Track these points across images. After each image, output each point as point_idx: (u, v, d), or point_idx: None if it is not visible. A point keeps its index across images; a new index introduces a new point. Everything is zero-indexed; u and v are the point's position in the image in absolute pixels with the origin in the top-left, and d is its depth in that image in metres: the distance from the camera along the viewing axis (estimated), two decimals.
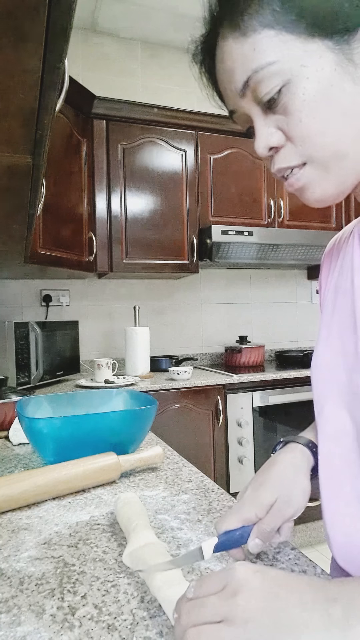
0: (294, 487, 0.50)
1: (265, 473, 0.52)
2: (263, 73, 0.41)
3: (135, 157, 2.25)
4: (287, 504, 0.49)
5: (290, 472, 0.52)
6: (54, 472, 0.72)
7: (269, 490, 0.49)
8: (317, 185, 0.44)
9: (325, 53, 0.40)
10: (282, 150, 0.44)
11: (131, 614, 0.43)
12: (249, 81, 0.42)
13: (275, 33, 0.40)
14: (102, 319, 2.54)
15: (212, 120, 2.36)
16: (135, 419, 0.87)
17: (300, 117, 0.41)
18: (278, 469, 0.52)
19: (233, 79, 0.43)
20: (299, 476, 0.52)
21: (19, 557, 0.54)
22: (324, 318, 0.54)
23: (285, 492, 0.50)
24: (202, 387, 2.05)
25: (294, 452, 0.54)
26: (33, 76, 0.38)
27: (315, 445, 0.55)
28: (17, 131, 0.49)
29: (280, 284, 2.94)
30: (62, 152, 1.99)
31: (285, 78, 0.40)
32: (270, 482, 0.50)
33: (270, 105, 0.42)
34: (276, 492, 0.49)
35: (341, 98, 0.40)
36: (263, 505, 0.48)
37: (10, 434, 1.06)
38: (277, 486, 0.50)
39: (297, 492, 0.50)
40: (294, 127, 0.42)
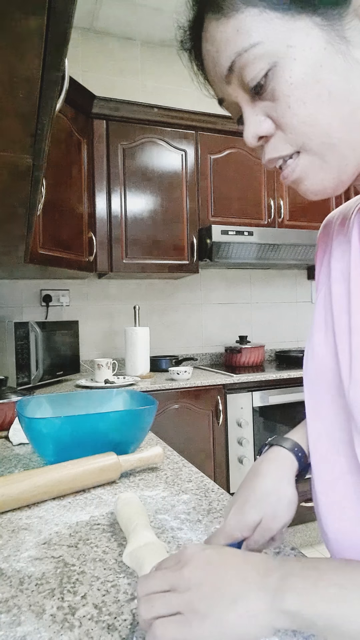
0: (279, 502, 0.49)
1: (249, 488, 0.50)
2: (247, 56, 0.37)
3: (135, 157, 2.25)
4: (273, 520, 0.48)
5: (275, 485, 0.50)
6: (54, 472, 0.72)
7: (253, 510, 0.48)
8: (314, 176, 0.41)
9: (313, 31, 0.36)
10: (272, 139, 0.41)
11: (131, 614, 0.43)
12: (233, 66, 0.38)
13: (259, 11, 0.36)
14: (102, 319, 2.54)
15: (212, 120, 2.36)
16: (135, 419, 0.87)
17: (289, 102, 0.37)
18: (263, 481, 0.50)
19: (218, 65, 0.40)
20: (283, 488, 0.50)
21: (19, 557, 0.54)
22: (319, 303, 0.52)
23: (271, 509, 0.48)
24: (202, 387, 2.05)
25: (278, 460, 0.52)
26: (33, 76, 0.38)
27: (301, 448, 0.53)
28: (17, 131, 0.49)
29: (280, 284, 2.94)
30: (62, 152, 1.99)
31: (271, 60, 0.37)
32: (253, 500, 0.49)
33: (257, 91, 0.38)
34: (261, 511, 0.48)
35: (332, 79, 0.36)
36: (249, 526, 0.47)
37: (10, 434, 1.06)
38: (261, 504, 0.48)
39: (283, 506, 0.49)
40: (283, 114, 0.38)
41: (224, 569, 0.36)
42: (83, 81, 2.45)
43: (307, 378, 0.52)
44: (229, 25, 0.37)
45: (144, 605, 0.36)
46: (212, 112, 2.36)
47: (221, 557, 0.38)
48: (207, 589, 0.35)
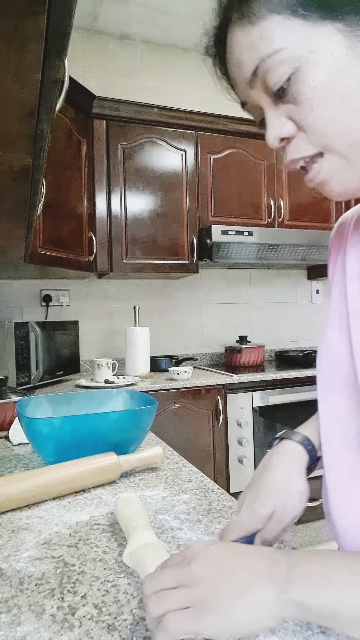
0: (290, 495, 0.50)
1: (260, 482, 0.52)
2: (271, 61, 0.39)
3: (135, 157, 2.25)
4: (285, 512, 0.50)
5: (285, 478, 0.51)
6: (54, 472, 0.72)
7: (265, 503, 0.50)
8: (339, 177, 0.42)
9: (336, 36, 0.37)
10: (294, 140, 0.42)
11: (131, 614, 0.43)
12: (257, 70, 0.40)
13: (282, 18, 0.38)
14: (102, 319, 2.54)
15: (212, 120, 2.36)
16: (135, 419, 0.87)
17: (311, 105, 0.39)
18: (273, 476, 0.52)
19: (242, 69, 0.42)
20: (294, 481, 0.51)
21: (19, 557, 0.54)
22: (334, 300, 0.52)
23: (282, 502, 0.50)
24: (202, 387, 2.05)
25: (288, 453, 0.54)
26: (33, 76, 0.38)
27: (311, 442, 0.55)
28: (17, 131, 0.49)
29: (280, 284, 2.94)
30: (62, 152, 1.99)
31: (294, 65, 0.38)
32: (265, 493, 0.50)
33: (280, 94, 0.40)
34: (273, 503, 0.50)
35: (353, 83, 0.38)
36: (262, 519, 0.49)
37: (10, 434, 1.06)
38: (273, 497, 0.50)
39: (294, 498, 0.50)
40: (305, 116, 0.40)
41: (231, 562, 0.37)
42: (83, 81, 2.45)
43: (320, 374, 0.53)
44: (253, 32, 0.39)
45: (152, 603, 0.36)
46: (212, 112, 2.36)
47: (227, 552, 0.39)
48: (216, 582, 0.36)
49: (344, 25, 0.37)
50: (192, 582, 0.36)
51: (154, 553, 0.49)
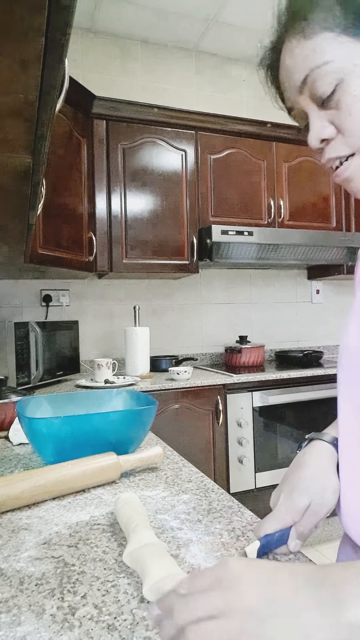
0: (325, 489, 0.53)
1: (296, 477, 0.54)
2: (319, 71, 0.45)
3: (135, 157, 2.25)
4: (321, 505, 0.52)
5: (319, 474, 0.54)
6: (54, 472, 0.72)
7: (302, 496, 0.52)
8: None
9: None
10: (333, 142, 0.48)
11: (131, 614, 0.43)
12: (307, 78, 0.46)
13: (334, 35, 0.44)
14: (102, 319, 2.54)
15: (212, 120, 2.36)
16: (135, 419, 0.87)
17: (351, 111, 0.44)
18: (307, 472, 0.54)
19: (293, 77, 0.48)
20: (328, 477, 0.54)
21: (19, 557, 0.54)
22: (358, 301, 0.55)
23: (318, 495, 0.52)
24: (202, 387, 2.05)
25: (320, 452, 0.56)
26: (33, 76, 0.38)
27: None
28: (17, 131, 0.49)
29: (280, 284, 2.94)
30: (62, 152, 1.99)
31: (340, 76, 0.44)
32: (302, 487, 0.53)
33: (324, 101, 0.46)
34: (309, 496, 0.52)
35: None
36: (298, 511, 0.51)
37: (10, 434, 1.06)
38: (309, 490, 0.52)
39: (329, 493, 0.53)
40: (345, 120, 0.45)
41: (275, 589, 0.34)
42: (83, 81, 2.46)
43: (341, 371, 0.55)
44: (307, 45, 0.45)
45: (194, 635, 0.32)
46: (212, 112, 2.36)
47: (268, 573, 0.35)
48: (263, 610, 0.33)
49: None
50: (240, 612, 0.33)
51: (154, 553, 0.49)
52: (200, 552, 0.54)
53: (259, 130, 2.45)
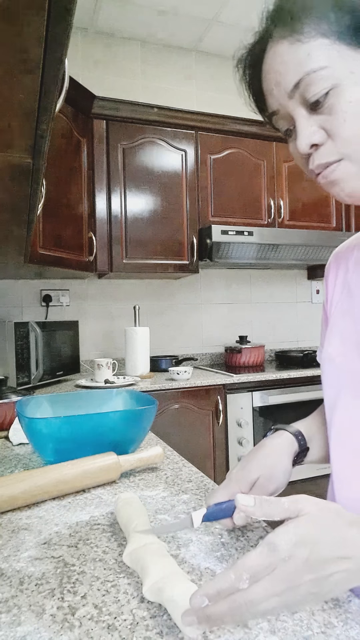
0: (276, 467, 0.58)
1: (252, 454, 0.60)
2: (314, 76, 0.44)
3: (135, 157, 2.25)
4: (269, 481, 0.57)
5: (274, 454, 0.59)
6: (54, 472, 0.72)
7: (253, 469, 0.57)
8: (349, 181, 0.47)
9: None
10: (322, 147, 0.47)
11: (131, 614, 0.43)
12: (299, 83, 0.45)
13: (330, 42, 0.44)
14: (102, 319, 2.54)
15: (212, 120, 2.36)
16: (135, 419, 0.87)
17: (345, 117, 0.44)
18: (264, 451, 0.60)
19: (283, 80, 0.47)
20: (281, 458, 0.59)
21: (19, 557, 0.54)
22: (336, 315, 0.58)
23: (268, 471, 0.57)
24: (202, 387, 2.05)
25: (280, 437, 0.62)
26: (33, 76, 0.38)
27: (303, 435, 0.62)
28: (17, 131, 0.49)
29: (280, 284, 2.94)
30: (62, 152, 1.99)
31: (334, 82, 0.44)
32: (255, 462, 0.58)
33: (315, 106, 0.46)
34: (259, 470, 0.57)
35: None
36: (247, 482, 0.56)
37: (10, 434, 1.06)
38: (261, 466, 0.58)
39: (279, 471, 0.58)
40: (338, 126, 0.45)
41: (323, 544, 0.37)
42: (83, 81, 2.45)
43: (327, 380, 0.58)
44: (301, 49, 0.45)
45: (259, 614, 0.36)
46: (212, 112, 2.36)
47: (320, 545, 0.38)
48: (313, 578, 0.36)
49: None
50: (292, 582, 0.36)
51: (154, 553, 0.49)
52: (200, 552, 0.54)
53: (259, 130, 2.44)
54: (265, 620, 0.42)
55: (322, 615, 0.42)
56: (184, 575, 0.45)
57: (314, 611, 0.43)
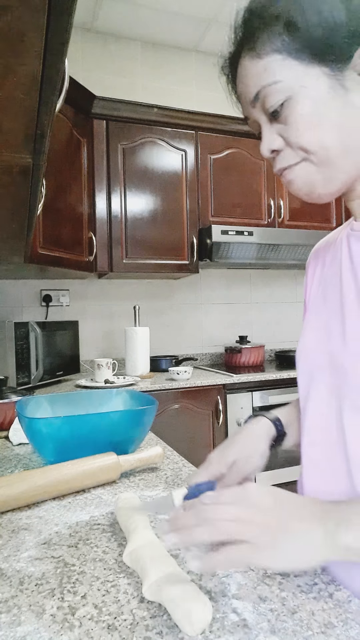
0: (253, 451, 0.63)
1: (232, 439, 0.65)
2: (270, 89, 0.49)
3: (135, 157, 2.25)
4: (246, 463, 0.61)
5: (251, 438, 0.64)
6: (54, 472, 0.72)
7: (231, 452, 0.62)
8: (306, 182, 0.52)
9: (322, 77, 0.47)
10: (282, 152, 0.52)
11: (131, 614, 0.43)
12: (258, 94, 0.50)
13: (282, 57, 0.48)
14: (102, 319, 2.54)
15: (212, 120, 2.36)
16: (135, 419, 0.87)
17: (298, 127, 0.49)
18: (242, 435, 0.65)
19: (247, 91, 0.52)
20: (258, 442, 0.64)
21: (19, 557, 0.54)
22: (311, 309, 0.62)
23: (245, 454, 0.62)
24: (202, 387, 2.05)
25: (259, 423, 0.67)
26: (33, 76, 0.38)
27: (281, 421, 0.67)
28: (17, 131, 0.49)
29: (280, 284, 2.94)
30: (62, 152, 1.99)
31: (288, 94, 0.48)
32: (233, 446, 0.63)
33: (274, 115, 0.50)
34: (237, 453, 0.62)
35: (332, 115, 0.48)
36: (225, 464, 0.61)
37: (10, 434, 1.06)
38: (238, 449, 0.62)
39: (255, 454, 0.63)
40: (292, 135, 0.50)
41: (287, 508, 0.43)
42: (83, 81, 2.45)
43: (301, 375, 0.61)
44: (259, 64, 0.49)
45: (215, 527, 0.41)
46: (212, 112, 2.36)
47: (282, 496, 0.44)
48: (275, 523, 0.41)
49: (329, 70, 0.47)
50: (252, 519, 0.41)
51: (154, 553, 0.49)
52: (200, 552, 0.54)
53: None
54: (265, 621, 0.42)
55: (322, 615, 0.42)
56: (184, 575, 0.45)
57: (314, 611, 0.43)
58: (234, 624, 0.41)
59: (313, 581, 0.48)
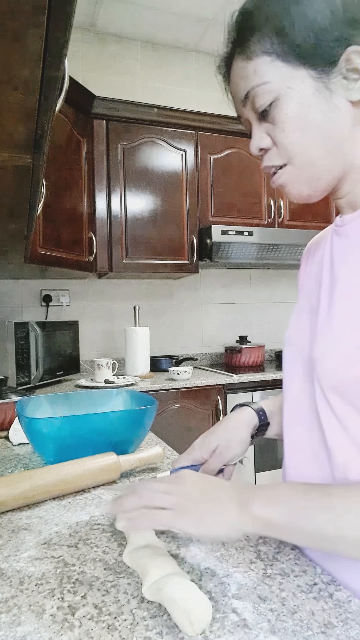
0: (234, 438, 0.66)
1: (215, 426, 0.69)
2: (258, 89, 0.51)
3: (135, 157, 2.25)
4: (227, 449, 0.65)
5: (233, 427, 0.68)
6: (54, 472, 0.72)
7: (213, 439, 0.66)
8: (293, 184, 0.54)
9: (308, 80, 0.49)
10: (270, 152, 0.54)
11: (131, 614, 0.43)
12: (248, 94, 0.52)
13: (271, 59, 0.49)
14: (102, 319, 2.54)
15: (212, 120, 2.36)
16: (135, 419, 0.87)
17: (283, 127, 0.51)
18: (225, 423, 0.69)
19: (238, 91, 0.54)
20: (240, 430, 0.67)
21: (19, 557, 0.54)
22: (300, 301, 0.64)
23: (226, 441, 0.66)
24: (202, 387, 2.05)
25: (242, 412, 0.70)
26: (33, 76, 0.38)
27: (264, 411, 0.70)
28: (17, 131, 0.49)
29: (280, 284, 2.94)
30: (62, 152, 1.99)
31: (275, 95, 0.50)
32: (216, 432, 0.67)
33: (263, 115, 0.52)
34: (219, 440, 0.66)
35: (317, 117, 0.49)
36: (207, 449, 0.65)
37: (10, 434, 1.06)
38: (220, 436, 0.67)
39: (236, 442, 0.66)
40: (278, 135, 0.52)
41: (209, 484, 0.51)
42: (83, 81, 2.46)
43: (285, 362, 0.64)
44: (249, 65, 0.51)
45: (147, 497, 0.49)
46: (212, 112, 2.36)
47: (208, 478, 0.52)
48: (197, 496, 0.49)
49: (315, 73, 0.49)
50: (177, 492, 0.49)
51: (154, 553, 0.49)
52: (200, 552, 0.54)
53: None
54: (265, 621, 0.42)
55: (322, 615, 0.42)
56: (184, 575, 0.45)
57: (314, 611, 0.43)
58: (234, 624, 0.41)
59: (313, 581, 0.48)
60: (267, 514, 0.45)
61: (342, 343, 0.49)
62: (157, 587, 0.43)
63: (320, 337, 0.53)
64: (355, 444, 0.49)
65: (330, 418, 0.51)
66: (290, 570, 0.50)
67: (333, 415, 0.51)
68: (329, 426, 0.51)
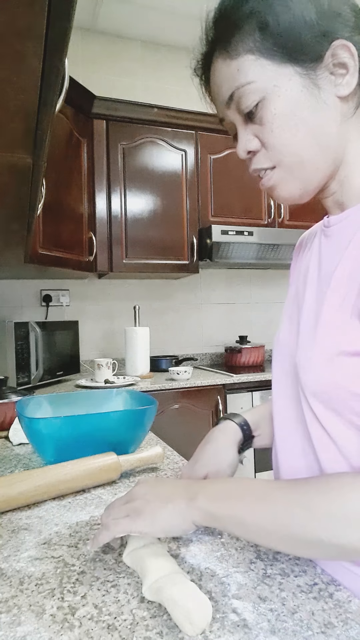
0: (222, 462, 0.66)
1: (200, 451, 0.69)
2: (243, 90, 0.49)
3: (135, 157, 2.25)
4: (216, 475, 0.65)
5: (220, 451, 0.67)
6: (54, 472, 0.72)
7: (201, 467, 0.66)
8: (284, 186, 0.52)
9: (295, 77, 0.47)
10: (258, 154, 0.52)
11: (131, 614, 0.43)
12: (232, 95, 0.50)
13: (255, 58, 0.48)
14: (102, 319, 2.54)
15: (212, 120, 2.36)
16: (135, 419, 0.87)
17: (272, 127, 0.49)
18: (210, 447, 0.68)
19: (221, 93, 0.52)
20: (227, 452, 0.67)
21: (19, 557, 0.54)
22: (288, 299, 0.64)
23: (215, 467, 0.65)
24: (202, 387, 2.05)
25: (226, 430, 0.70)
26: (33, 76, 0.38)
27: (248, 424, 0.71)
28: (17, 131, 0.49)
29: (281, 284, 2.94)
30: (62, 152, 1.99)
31: (261, 95, 0.48)
32: (203, 459, 0.67)
33: (249, 116, 0.50)
34: (207, 467, 0.66)
35: (305, 114, 0.48)
36: (197, 479, 0.64)
37: (10, 434, 1.06)
38: (208, 463, 0.66)
39: (225, 466, 0.66)
40: (267, 136, 0.50)
41: (160, 485, 0.52)
42: (83, 81, 2.45)
43: (274, 362, 0.63)
44: (232, 65, 0.49)
45: (104, 515, 0.53)
46: (212, 112, 2.35)
47: (158, 480, 0.54)
48: (147, 497, 0.51)
49: (302, 69, 0.47)
50: (132, 499, 0.51)
51: (154, 553, 0.49)
52: (200, 552, 0.54)
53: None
54: (265, 621, 0.42)
55: (322, 615, 0.42)
56: (183, 575, 0.45)
57: (314, 611, 0.43)
58: (234, 624, 0.41)
59: (313, 581, 0.48)
60: (210, 506, 0.47)
61: (323, 350, 0.48)
62: (157, 587, 0.43)
63: (303, 343, 0.52)
64: (338, 447, 0.49)
65: (313, 421, 0.51)
66: (290, 570, 0.50)
67: (315, 419, 0.51)
68: (314, 430, 0.51)
